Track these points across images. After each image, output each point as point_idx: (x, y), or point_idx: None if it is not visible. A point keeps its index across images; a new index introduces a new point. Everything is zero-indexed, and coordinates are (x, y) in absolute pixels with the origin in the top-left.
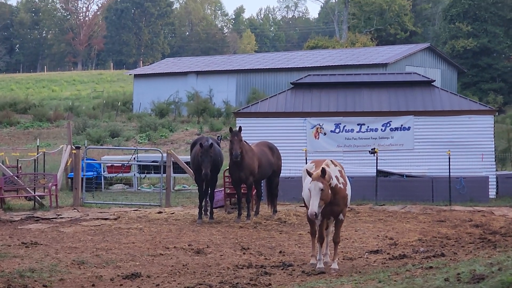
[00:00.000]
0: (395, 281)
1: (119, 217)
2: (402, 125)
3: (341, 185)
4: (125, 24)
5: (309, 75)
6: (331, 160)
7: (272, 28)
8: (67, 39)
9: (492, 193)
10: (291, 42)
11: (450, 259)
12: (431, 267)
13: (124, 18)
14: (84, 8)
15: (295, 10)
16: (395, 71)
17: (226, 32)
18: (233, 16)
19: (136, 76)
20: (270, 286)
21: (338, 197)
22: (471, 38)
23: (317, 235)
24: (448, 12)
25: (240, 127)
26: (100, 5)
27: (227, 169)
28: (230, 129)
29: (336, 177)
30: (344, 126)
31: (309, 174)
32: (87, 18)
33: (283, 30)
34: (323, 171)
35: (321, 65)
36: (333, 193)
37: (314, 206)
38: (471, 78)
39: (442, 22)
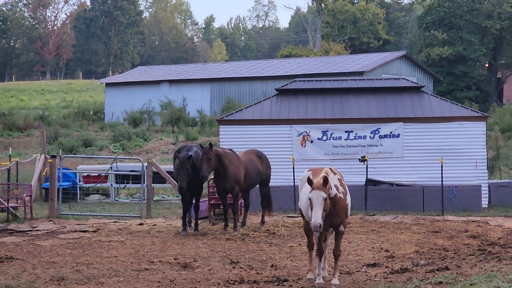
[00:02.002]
0: None
1: (98, 229)
2: (391, 132)
3: (341, 195)
4: (94, 33)
5: (294, 81)
6: (330, 168)
7: (242, 37)
8: (35, 48)
9: (484, 202)
10: (262, 51)
11: (456, 273)
12: (441, 283)
13: (93, 27)
14: (52, 17)
15: (265, 19)
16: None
17: (196, 42)
18: (203, 26)
19: (107, 84)
20: None
21: (338, 207)
22: (446, 46)
23: (315, 248)
24: (423, 20)
25: (210, 144)
26: (68, 14)
27: (212, 178)
28: (201, 146)
29: (336, 186)
30: (332, 133)
31: (310, 182)
32: (55, 27)
33: (253, 40)
34: (325, 179)
35: (297, 73)
36: (333, 203)
37: (318, 217)
38: (447, 87)
39: (417, 30)
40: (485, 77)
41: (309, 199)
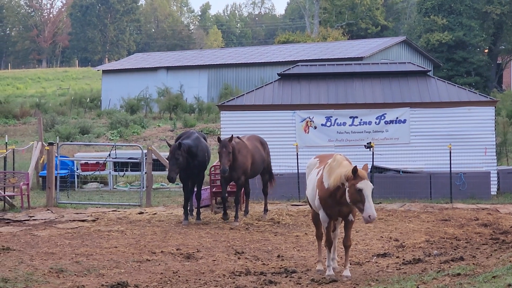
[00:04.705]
0: None
1: (97, 218)
2: (397, 118)
3: None
4: (90, 20)
5: (297, 65)
6: (340, 155)
7: (238, 24)
8: (31, 36)
9: (493, 189)
10: (258, 38)
11: (473, 263)
12: (459, 274)
13: (89, 15)
14: (48, 5)
15: (261, 6)
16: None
17: (192, 29)
18: (199, 13)
19: (104, 71)
20: None
21: None
22: (446, 32)
23: (324, 239)
24: (422, 5)
25: (232, 136)
26: (64, 2)
27: (213, 166)
28: (219, 139)
29: None
30: (336, 119)
31: (355, 172)
32: (51, 15)
33: (249, 27)
34: (366, 168)
35: (296, 59)
36: (342, 191)
37: (373, 209)
38: (446, 72)
39: (416, 15)
40: (485, 63)
41: (360, 190)
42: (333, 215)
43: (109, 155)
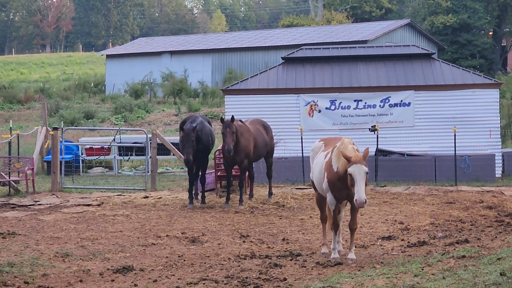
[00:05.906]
0: (432, 274)
1: (102, 202)
2: (401, 101)
3: None
4: (93, 5)
5: (301, 49)
6: (348, 139)
7: (242, 8)
8: (35, 21)
9: (498, 171)
10: (262, 22)
11: (478, 246)
12: (464, 256)
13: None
14: None
15: None
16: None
17: (196, 13)
18: None
19: (108, 56)
20: (286, 281)
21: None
22: (450, 14)
23: (330, 222)
24: None
25: (232, 117)
26: None
27: (218, 150)
28: (222, 120)
29: None
30: (340, 102)
31: (348, 157)
32: (54, 0)
33: (253, 11)
34: (366, 152)
35: (300, 43)
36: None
37: (363, 193)
38: (451, 55)
39: None
40: (490, 45)
41: (350, 174)
42: (340, 198)
43: (114, 139)
